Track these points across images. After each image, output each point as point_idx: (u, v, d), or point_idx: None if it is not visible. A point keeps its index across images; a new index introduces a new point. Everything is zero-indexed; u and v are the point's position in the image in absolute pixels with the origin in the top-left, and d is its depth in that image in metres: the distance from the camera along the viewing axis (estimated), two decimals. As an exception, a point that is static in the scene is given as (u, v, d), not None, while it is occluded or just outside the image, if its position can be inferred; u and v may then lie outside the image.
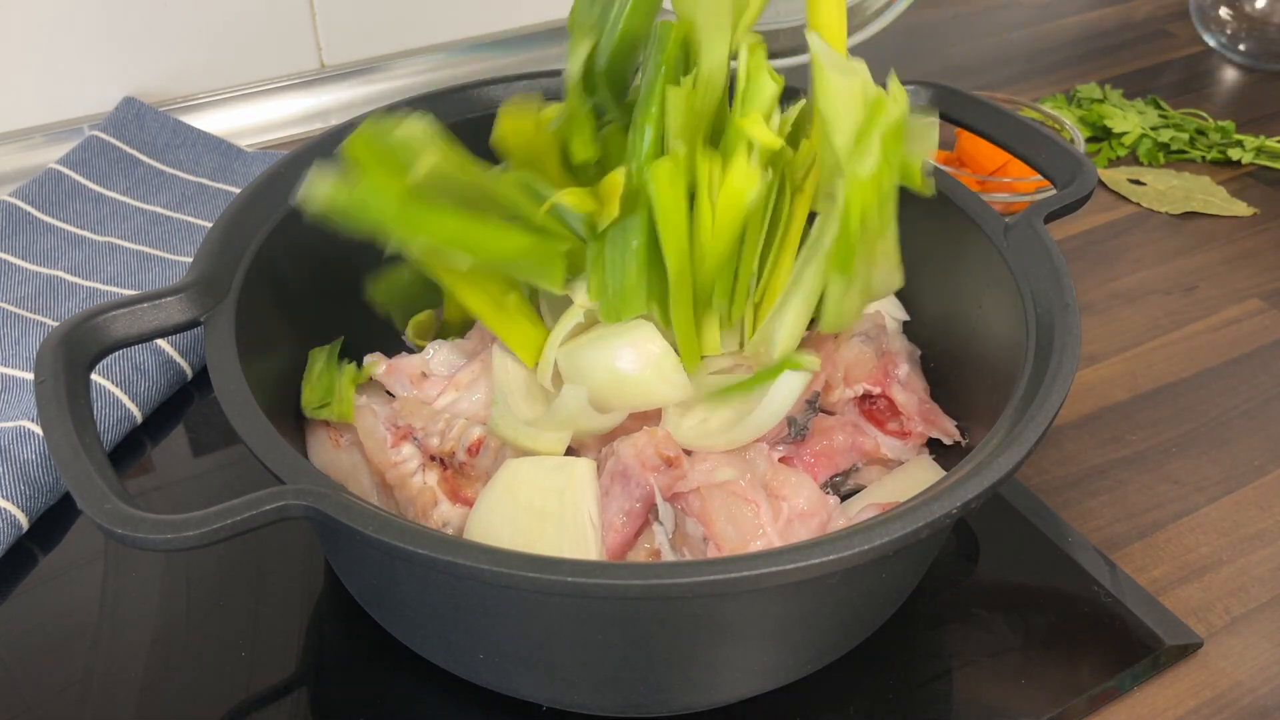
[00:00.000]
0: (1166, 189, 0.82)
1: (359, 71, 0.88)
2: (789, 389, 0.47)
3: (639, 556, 0.46)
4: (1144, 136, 0.86)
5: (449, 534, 0.42)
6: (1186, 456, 0.60)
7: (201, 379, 0.63)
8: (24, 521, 0.53)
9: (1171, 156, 0.86)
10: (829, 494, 0.49)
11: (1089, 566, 0.53)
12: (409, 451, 0.49)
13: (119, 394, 0.58)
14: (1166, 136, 0.86)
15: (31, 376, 0.58)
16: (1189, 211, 0.80)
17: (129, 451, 0.59)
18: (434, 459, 0.49)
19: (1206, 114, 0.90)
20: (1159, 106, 0.91)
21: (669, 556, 0.46)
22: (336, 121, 0.81)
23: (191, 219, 0.72)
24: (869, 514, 0.46)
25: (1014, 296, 0.49)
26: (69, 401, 0.40)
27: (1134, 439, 0.61)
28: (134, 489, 0.57)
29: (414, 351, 0.55)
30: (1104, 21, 1.06)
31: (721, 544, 0.45)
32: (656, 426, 0.47)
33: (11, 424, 0.56)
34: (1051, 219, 0.51)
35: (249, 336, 0.46)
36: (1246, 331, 0.69)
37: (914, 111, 0.45)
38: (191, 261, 0.47)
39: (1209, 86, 0.96)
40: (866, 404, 0.53)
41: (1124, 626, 0.50)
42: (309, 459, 0.50)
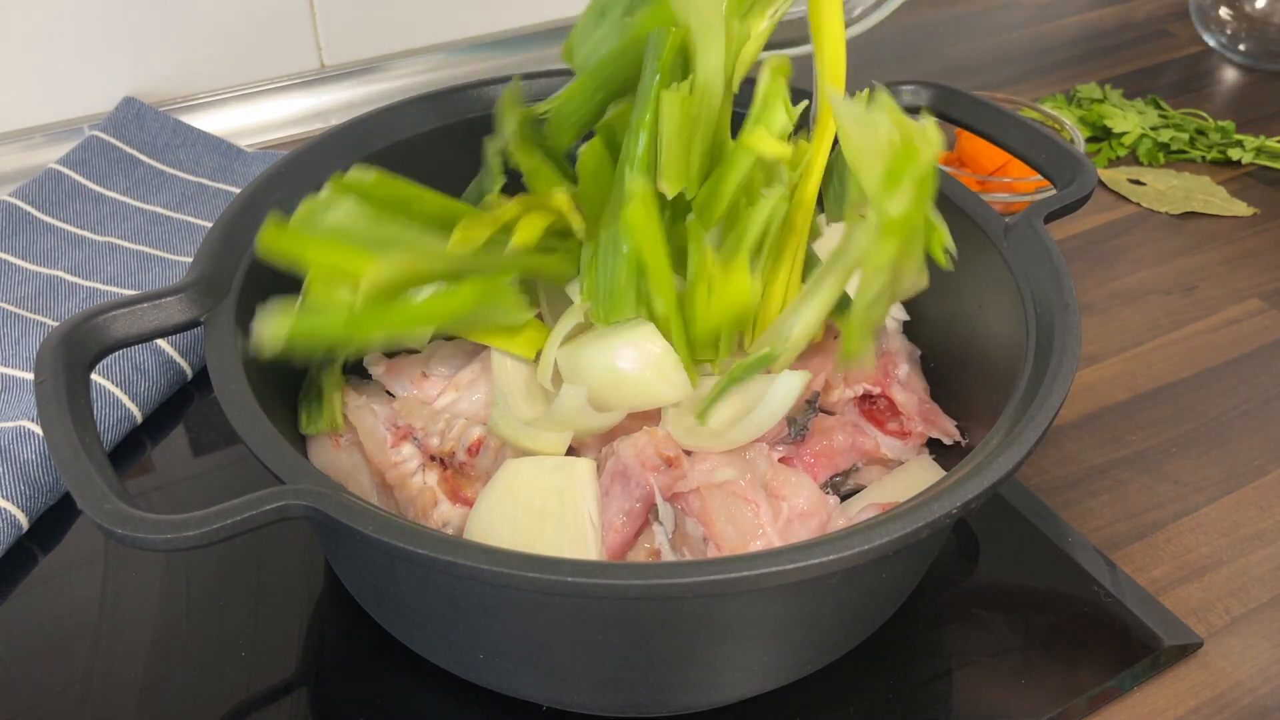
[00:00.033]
0: (1166, 189, 0.82)
1: (359, 71, 0.88)
2: (789, 389, 0.47)
3: (639, 556, 0.46)
4: (1144, 136, 0.86)
5: (449, 534, 0.42)
6: (1186, 456, 0.60)
7: (201, 379, 0.63)
8: (24, 521, 0.53)
9: (1171, 156, 0.86)
10: (829, 494, 0.49)
11: (1089, 566, 0.53)
12: (409, 451, 0.49)
13: (119, 394, 0.58)
14: (1166, 136, 0.86)
15: (31, 376, 0.58)
16: (1189, 211, 0.80)
17: (129, 451, 0.59)
18: (434, 459, 0.49)
19: (1206, 114, 0.90)
20: (1159, 106, 0.91)
21: (669, 556, 0.46)
22: (336, 121, 0.81)
23: (191, 219, 0.72)
24: (869, 514, 0.46)
25: (1014, 296, 0.49)
26: (69, 401, 0.40)
27: (1134, 439, 0.61)
28: (134, 489, 0.57)
29: (414, 351, 0.54)
30: (1104, 21, 1.06)
31: (721, 544, 0.45)
32: (656, 426, 0.47)
33: (11, 424, 0.56)
34: (1051, 219, 0.51)
35: (249, 336, 0.46)
36: (1246, 331, 0.69)
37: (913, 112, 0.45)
38: (191, 261, 0.47)
39: (1209, 86, 0.96)
40: (866, 404, 0.53)
41: (1124, 626, 0.50)
42: (309, 459, 0.50)
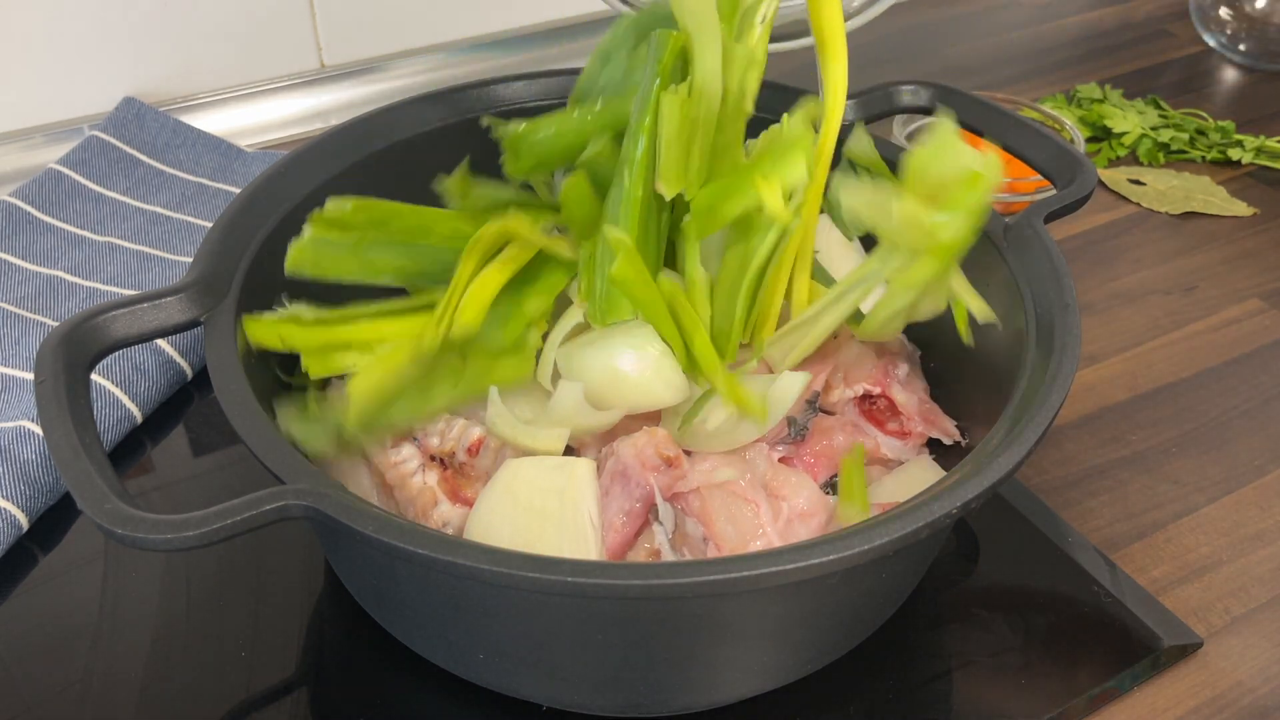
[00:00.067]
0: (1166, 189, 0.82)
1: (359, 71, 0.88)
2: (789, 389, 0.47)
3: (639, 556, 0.46)
4: (1144, 136, 0.86)
5: (449, 534, 0.42)
6: (1186, 456, 0.60)
7: (201, 379, 0.63)
8: (24, 521, 0.53)
9: (1171, 156, 0.86)
10: (829, 494, 0.49)
11: (1089, 566, 0.53)
12: (409, 451, 0.49)
13: (119, 394, 0.58)
14: (1166, 136, 0.86)
15: (31, 376, 0.58)
16: (1189, 211, 0.79)
17: (129, 451, 0.59)
18: (434, 459, 0.49)
19: (1206, 114, 0.90)
20: (1159, 106, 0.91)
21: (669, 556, 0.46)
22: (336, 121, 0.81)
23: (191, 219, 0.72)
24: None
25: (1014, 296, 0.49)
26: (69, 401, 0.40)
27: (1134, 439, 0.61)
28: (134, 489, 0.57)
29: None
30: (1104, 21, 1.06)
31: (721, 544, 0.45)
32: (656, 426, 0.47)
33: (11, 424, 0.56)
34: (1051, 219, 0.51)
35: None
36: (1246, 331, 0.69)
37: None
38: (191, 261, 0.47)
39: (1209, 86, 0.96)
40: (866, 404, 0.53)
41: (1124, 626, 0.50)
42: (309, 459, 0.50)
